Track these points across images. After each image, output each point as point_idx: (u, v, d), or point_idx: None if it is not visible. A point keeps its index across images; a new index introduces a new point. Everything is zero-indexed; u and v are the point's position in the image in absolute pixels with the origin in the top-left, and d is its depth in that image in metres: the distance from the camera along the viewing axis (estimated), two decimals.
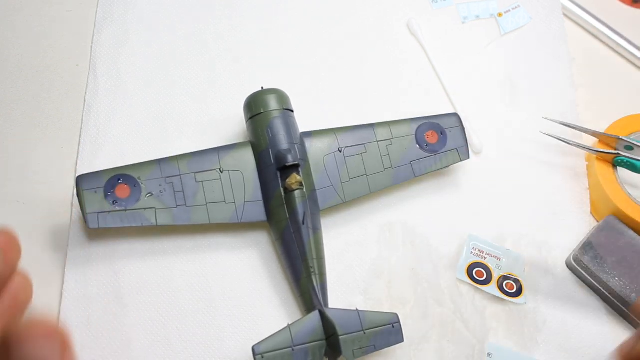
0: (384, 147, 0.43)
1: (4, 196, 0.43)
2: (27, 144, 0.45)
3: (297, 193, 0.40)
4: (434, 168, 0.43)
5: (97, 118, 0.46)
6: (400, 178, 0.43)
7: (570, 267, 0.43)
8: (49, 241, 0.42)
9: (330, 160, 0.43)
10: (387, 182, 0.43)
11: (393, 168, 0.43)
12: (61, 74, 0.48)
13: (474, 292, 0.42)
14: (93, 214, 0.39)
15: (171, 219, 0.40)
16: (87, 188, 0.39)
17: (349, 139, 0.43)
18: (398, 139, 0.44)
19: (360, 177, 0.43)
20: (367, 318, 0.37)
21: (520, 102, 0.50)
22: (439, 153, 0.44)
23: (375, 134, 0.44)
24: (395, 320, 0.38)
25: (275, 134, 0.41)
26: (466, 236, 0.44)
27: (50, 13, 0.51)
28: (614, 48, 0.54)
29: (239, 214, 0.41)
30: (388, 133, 0.44)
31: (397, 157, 0.43)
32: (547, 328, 0.41)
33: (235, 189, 0.41)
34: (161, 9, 0.52)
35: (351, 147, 0.43)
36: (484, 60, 0.52)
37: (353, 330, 0.36)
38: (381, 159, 0.43)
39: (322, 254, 0.40)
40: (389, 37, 0.52)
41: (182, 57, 0.50)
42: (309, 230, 0.40)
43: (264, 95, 0.43)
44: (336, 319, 0.36)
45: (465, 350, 0.40)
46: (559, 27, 0.54)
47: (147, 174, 0.40)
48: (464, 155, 0.44)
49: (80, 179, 0.40)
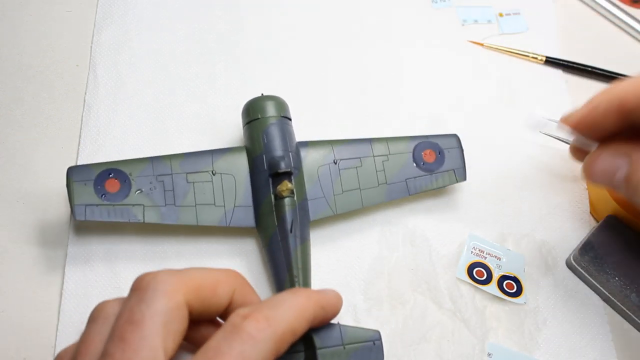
0: (380, 162, 0.43)
1: (4, 196, 0.43)
2: (27, 144, 0.45)
3: (287, 200, 0.40)
4: (429, 187, 0.43)
5: (97, 118, 0.46)
6: (394, 195, 0.42)
7: (571, 267, 0.43)
8: (49, 241, 0.42)
9: (324, 171, 0.42)
10: (381, 198, 0.42)
11: (387, 184, 0.43)
12: (61, 74, 0.48)
13: (474, 292, 0.42)
14: (81, 205, 0.39)
15: (159, 217, 0.40)
16: (77, 180, 0.39)
17: (345, 152, 0.43)
18: (395, 155, 0.43)
19: (353, 190, 0.42)
20: (348, 333, 0.36)
21: (519, 102, 0.51)
22: (435, 173, 0.43)
23: (372, 149, 0.43)
24: (377, 338, 0.36)
25: (270, 140, 0.41)
26: (466, 236, 0.44)
27: (50, 13, 0.51)
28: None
29: (228, 218, 0.41)
30: (385, 149, 0.43)
31: (392, 173, 0.43)
32: (547, 328, 0.41)
33: (226, 192, 0.41)
34: (161, 10, 0.52)
35: (347, 159, 0.43)
36: (482, 60, 0.52)
37: (332, 344, 0.35)
38: (376, 174, 0.43)
39: (308, 265, 0.40)
40: (391, 41, 0.53)
41: (182, 57, 0.50)
42: (297, 239, 0.39)
43: (262, 101, 0.43)
44: (315, 332, 0.35)
45: (465, 350, 0.40)
46: (554, 39, 0.54)
47: (139, 171, 0.40)
48: (460, 176, 0.44)
49: (71, 170, 0.40)
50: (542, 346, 0.41)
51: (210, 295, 0.30)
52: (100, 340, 0.28)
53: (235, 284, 0.31)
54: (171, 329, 0.28)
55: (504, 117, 0.50)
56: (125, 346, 0.27)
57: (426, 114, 0.49)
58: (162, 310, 0.28)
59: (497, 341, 0.40)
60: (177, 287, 0.28)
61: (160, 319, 0.27)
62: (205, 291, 0.29)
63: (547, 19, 0.56)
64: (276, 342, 0.28)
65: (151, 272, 0.29)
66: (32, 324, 0.39)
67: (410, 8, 0.54)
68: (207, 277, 0.30)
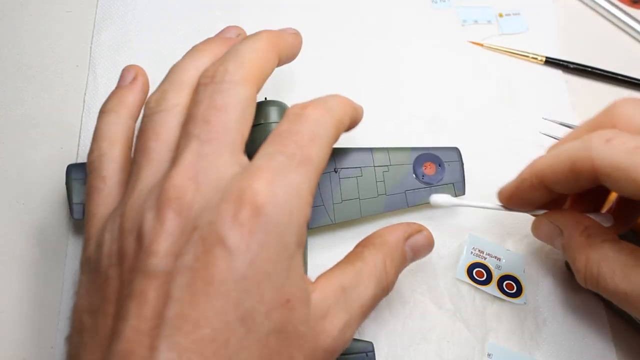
0: (380, 172, 0.43)
1: (4, 196, 0.43)
2: (27, 144, 0.45)
3: None
4: (427, 200, 0.42)
5: (96, 119, 0.46)
6: (393, 206, 0.42)
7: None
8: (49, 241, 0.42)
9: (324, 179, 0.42)
10: (379, 208, 0.42)
11: (387, 195, 0.42)
12: (61, 74, 0.48)
13: (474, 293, 0.42)
14: (79, 204, 0.39)
15: None
16: (76, 178, 0.39)
17: (345, 161, 0.43)
18: (395, 166, 0.43)
19: (352, 200, 0.42)
20: None
21: (519, 103, 0.51)
22: (434, 186, 0.43)
23: (373, 159, 0.43)
24: (370, 349, 0.37)
25: None
26: (466, 236, 0.44)
27: (50, 13, 0.51)
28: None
29: None
30: (386, 159, 0.43)
31: (392, 184, 0.43)
32: (548, 328, 0.41)
33: None
34: (161, 10, 0.52)
35: (347, 169, 0.42)
36: (482, 60, 0.52)
37: None
38: (376, 184, 0.42)
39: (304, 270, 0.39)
40: (390, 41, 0.53)
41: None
42: None
43: (266, 106, 0.42)
44: None
45: (465, 350, 0.40)
46: (554, 39, 0.54)
47: None
48: (459, 190, 0.43)
49: (71, 168, 0.40)
50: (542, 346, 0.41)
51: (268, 73, 0.34)
52: (168, 129, 0.31)
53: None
54: (247, 117, 0.31)
55: (504, 118, 0.50)
56: (210, 128, 0.29)
57: (425, 114, 0.49)
58: (242, 97, 0.31)
59: (497, 341, 0.40)
60: (248, 76, 0.32)
61: (241, 106, 0.30)
62: (265, 77, 0.34)
63: (547, 19, 0.56)
64: (336, 127, 0.32)
65: (219, 65, 0.32)
66: (32, 324, 0.39)
67: (410, 8, 0.54)
68: (265, 62, 0.34)
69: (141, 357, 0.25)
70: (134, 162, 0.32)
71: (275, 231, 0.27)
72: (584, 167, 0.31)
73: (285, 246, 0.28)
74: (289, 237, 0.28)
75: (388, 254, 0.34)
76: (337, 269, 0.32)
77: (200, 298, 0.26)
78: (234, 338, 0.26)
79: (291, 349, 0.28)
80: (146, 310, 0.26)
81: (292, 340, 0.28)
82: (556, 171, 0.33)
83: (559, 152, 0.33)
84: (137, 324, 0.26)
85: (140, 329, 0.26)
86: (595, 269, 0.33)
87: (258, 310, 0.26)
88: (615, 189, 0.31)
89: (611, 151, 0.30)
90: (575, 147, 0.32)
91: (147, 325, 0.26)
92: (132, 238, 0.28)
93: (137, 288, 0.26)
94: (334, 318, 0.30)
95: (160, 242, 0.27)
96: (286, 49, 0.37)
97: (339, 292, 0.31)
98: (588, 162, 0.31)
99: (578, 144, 0.32)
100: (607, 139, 0.30)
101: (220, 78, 0.31)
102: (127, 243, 0.28)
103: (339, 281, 0.31)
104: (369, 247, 0.34)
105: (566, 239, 0.35)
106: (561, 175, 0.33)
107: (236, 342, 0.26)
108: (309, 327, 0.28)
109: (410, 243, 0.36)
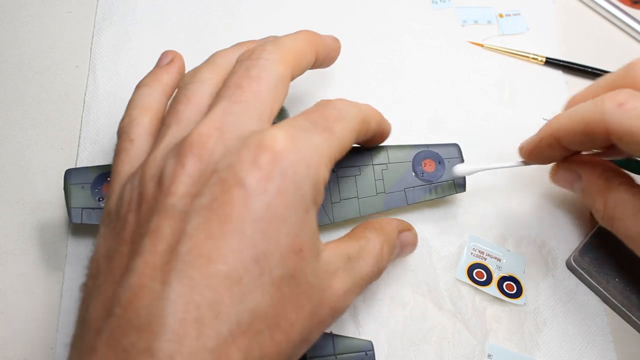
0: (379, 171, 0.42)
1: (4, 197, 0.43)
2: (27, 145, 0.45)
3: None
4: (427, 198, 0.42)
5: (96, 119, 0.46)
6: (392, 204, 0.42)
7: (571, 267, 0.43)
8: (48, 242, 0.42)
9: None
10: (379, 207, 0.42)
11: (386, 193, 0.42)
12: (61, 75, 0.48)
13: (474, 293, 0.42)
14: (77, 208, 0.39)
15: None
16: (74, 182, 0.39)
17: (344, 159, 0.42)
18: (394, 164, 0.43)
19: (351, 199, 0.41)
20: (340, 343, 0.36)
21: (519, 103, 0.51)
22: (434, 183, 0.42)
23: (372, 157, 0.42)
24: (369, 348, 0.37)
25: None
26: (466, 237, 0.44)
27: (50, 14, 0.51)
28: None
29: None
30: (385, 157, 0.43)
31: (391, 182, 0.42)
32: (548, 329, 0.41)
33: None
34: (161, 11, 0.52)
35: (345, 168, 0.42)
36: (482, 61, 0.52)
37: (324, 354, 0.35)
38: (375, 183, 0.42)
39: None
40: (390, 41, 0.53)
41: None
42: None
43: None
44: None
45: (466, 351, 0.40)
46: (554, 39, 0.54)
47: None
48: (460, 188, 0.43)
49: (69, 172, 0.40)
50: (542, 347, 0.41)
51: (305, 65, 0.35)
52: (201, 97, 0.32)
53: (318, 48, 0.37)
54: (280, 93, 0.31)
55: (504, 118, 0.50)
56: (242, 92, 0.30)
57: (425, 114, 0.49)
58: (276, 74, 0.31)
59: (497, 342, 0.40)
60: (285, 59, 0.32)
61: (274, 80, 0.31)
62: (302, 67, 0.34)
63: (547, 19, 0.56)
64: (362, 121, 0.34)
65: (258, 46, 0.33)
66: (32, 324, 0.39)
67: (409, 8, 0.54)
68: (303, 53, 0.34)
69: (153, 291, 0.25)
70: (164, 123, 0.33)
71: (293, 179, 0.27)
72: (597, 129, 0.32)
73: (302, 197, 0.28)
74: (305, 189, 0.28)
75: (385, 240, 0.35)
76: (342, 241, 0.33)
77: (215, 235, 0.26)
78: (247, 277, 0.26)
79: (301, 297, 0.28)
80: (160, 246, 0.26)
81: (303, 288, 0.28)
82: (570, 132, 0.34)
83: (573, 113, 0.34)
84: (150, 259, 0.26)
85: (153, 263, 0.26)
86: (611, 211, 0.35)
87: (273, 253, 0.26)
88: (628, 152, 0.32)
89: (623, 115, 0.30)
90: (588, 109, 0.32)
91: (160, 260, 0.26)
92: (153, 183, 0.28)
93: (152, 226, 0.27)
94: (340, 279, 0.30)
95: (179, 184, 0.27)
96: (324, 49, 0.38)
97: (346, 258, 0.31)
98: (601, 125, 0.31)
99: (591, 106, 0.32)
100: (619, 103, 0.31)
101: (257, 55, 0.32)
102: (147, 188, 0.28)
103: (346, 250, 0.32)
104: (370, 229, 0.35)
105: (585, 183, 0.37)
106: (576, 136, 0.34)
107: (250, 282, 0.26)
108: (318, 280, 0.29)
109: (401, 237, 0.37)
